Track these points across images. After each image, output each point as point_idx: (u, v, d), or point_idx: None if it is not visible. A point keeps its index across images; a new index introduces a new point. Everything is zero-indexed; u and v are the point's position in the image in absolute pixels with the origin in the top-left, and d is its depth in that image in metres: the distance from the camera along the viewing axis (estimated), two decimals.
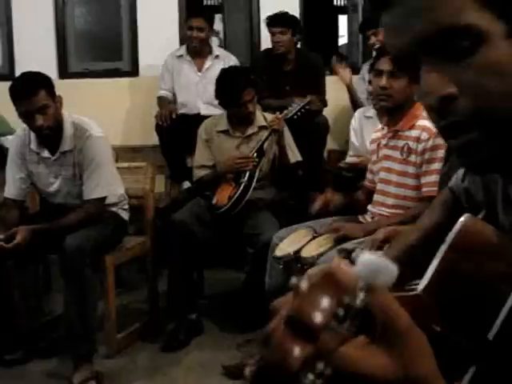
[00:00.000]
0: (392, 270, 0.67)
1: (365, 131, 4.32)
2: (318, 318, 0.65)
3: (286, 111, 4.26)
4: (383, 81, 3.24)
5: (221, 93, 4.15)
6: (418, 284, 0.96)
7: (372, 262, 0.67)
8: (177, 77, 5.60)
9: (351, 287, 0.67)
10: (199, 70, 5.59)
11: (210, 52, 5.65)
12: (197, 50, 5.56)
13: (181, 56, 5.63)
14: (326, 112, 5.32)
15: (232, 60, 5.61)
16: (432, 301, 0.92)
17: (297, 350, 0.65)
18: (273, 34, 5.32)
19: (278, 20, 5.28)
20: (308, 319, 0.66)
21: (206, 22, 5.51)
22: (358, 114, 4.54)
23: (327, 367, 0.65)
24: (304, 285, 0.68)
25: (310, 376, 0.65)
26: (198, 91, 5.51)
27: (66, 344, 3.53)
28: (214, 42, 6.20)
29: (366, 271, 0.67)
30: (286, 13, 5.36)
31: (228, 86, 4.08)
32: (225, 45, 6.28)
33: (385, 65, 3.22)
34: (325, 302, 0.66)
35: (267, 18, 5.34)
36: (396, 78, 3.19)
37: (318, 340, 0.65)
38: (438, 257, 0.94)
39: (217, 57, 5.63)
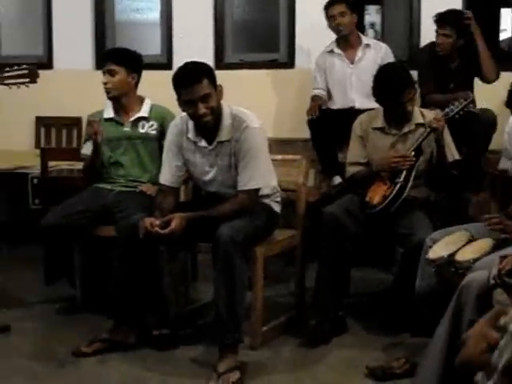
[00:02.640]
0: None
1: None
2: None
3: (447, 110, 4.19)
4: None
5: (379, 91, 4.13)
6: None
7: None
8: (329, 73, 5.64)
9: None
10: (351, 62, 5.62)
11: (360, 42, 5.67)
12: (347, 39, 5.59)
13: (331, 51, 5.68)
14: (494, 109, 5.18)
15: (383, 49, 5.61)
16: None
17: None
18: (437, 34, 5.27)
19: (445, 20, 5.20)
20: None
21: (347, 7, 5.54)
22: None
23: None
24: None
25: None
26: (351, 84, 5.55)
27: (213, 332, 3.63)
28: (370, 34, 6.20)
29: None
30: (458, 13, 5.30)
31: (387, 86, 4.05)
32: (382, 37, 6.26)
33: None
34: None
35: (436, 15, 5.26)
36: None
37: None
38: None
39: (367, 46, 5.64)
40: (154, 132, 4.47)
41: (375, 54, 5.53)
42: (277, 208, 3.99)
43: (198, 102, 3.59)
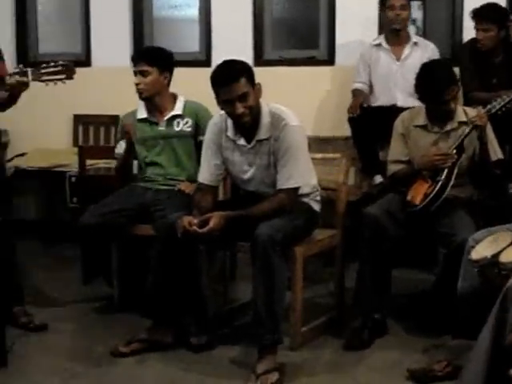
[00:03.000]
0: None
1: None
2: None
3: (489, 106, 4.15)
4: None
5: (421, 89, 4.10)
6: None
7: None
8: (374, 67, 5.64)
9: None
10: (397, 58, 5.61)
11: (409, 39, 5.65)
12: (398, 34, 5.58)
13: (378, 45, 5.67)
14: None
15: (431, 48, 5.59)
16: None
17: None
18: (476, 30, 5.23)
19: (482, 15, 5.13)
20: None
21: (407, 1, 5.55)
22: None
23: None
24: None
25: None
26: (395, 81, 5.54)
27: (252, 332, 3.64)
28: (411, 30, 6.17)
29: None
30: (494, 5, 5.20)
31: (430, 83, 4.02)
32: (424, 33, 6.22)
33: None
34: None
35: (472, 12, 5.23)
36: None
37: None
38: None
39: (415, 44, 5.63)
40: (189, 129, 4.50)
41: (422, 53, 5.50)
42: (316, 207, 3.99)
43: (235, 101, 3.60)
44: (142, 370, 3.71)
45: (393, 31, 5.61)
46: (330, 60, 6.25)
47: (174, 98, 4.56)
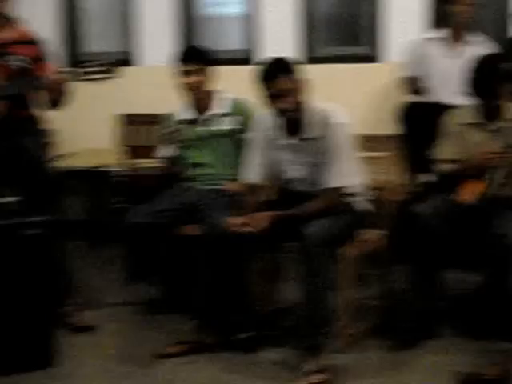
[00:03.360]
0: None
1: None
2: None
3: None
4: None
5: (475, 83, 4.09)
6: None
7: None
8: (425, 61, 5.60)
9: None
10: (451, 55, 5.57)
11: (465, 37, 5.60)
12: (457, 31, 5.54)
13: (432, 39, 5.63)
14: None
15: (486, 47, 5.54)
16: None
17: None
18: None
19: None
20: None
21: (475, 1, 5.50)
22: None
23: None
24: None
25: None
26: (446, 77, 5.49)
27: (298, 334, 3.66)
28: None
29: None
30: None
31: (484, 77, 4.01)
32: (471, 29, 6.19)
33: None
34: None
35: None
36: None
37: None
38: None
39: (471, 42, 5.58)
40: (233, 127, 4.51)
41: (476, 51, 5.46)
42: (363, 207, 4.00)
43: (280, 96, 3.63)
44: (186, 372, 3.74)
45: (456, 25, 5.56)
46: (375, 57, 6.24)
47: (218, 95, 4.58)
